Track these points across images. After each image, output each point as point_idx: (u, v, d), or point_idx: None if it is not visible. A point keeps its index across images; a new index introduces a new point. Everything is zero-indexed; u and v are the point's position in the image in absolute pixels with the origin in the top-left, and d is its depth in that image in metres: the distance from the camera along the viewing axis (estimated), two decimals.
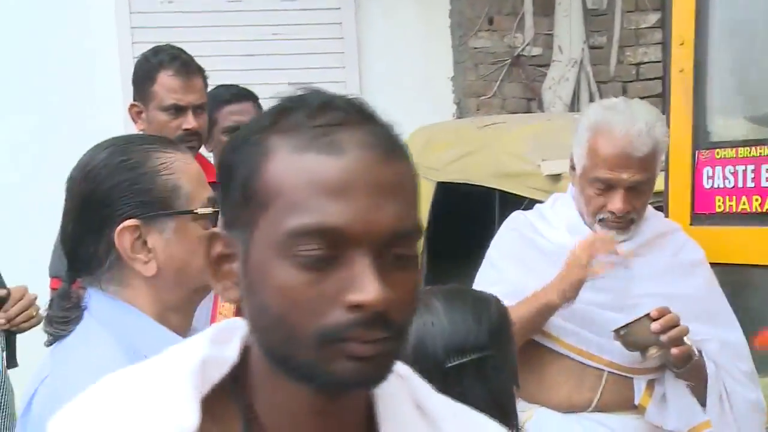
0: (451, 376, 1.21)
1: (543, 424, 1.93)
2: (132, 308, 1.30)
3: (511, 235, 2.09)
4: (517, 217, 2.13)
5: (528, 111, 5.47)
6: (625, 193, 1.90)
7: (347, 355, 0.75)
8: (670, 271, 1.96)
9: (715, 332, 1.92)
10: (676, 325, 1.82)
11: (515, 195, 3.17)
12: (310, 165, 0.78)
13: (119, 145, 1.36)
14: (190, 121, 2.37)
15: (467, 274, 3.22)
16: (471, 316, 1.29)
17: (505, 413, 1.24)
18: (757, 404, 1.92)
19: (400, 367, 0.90)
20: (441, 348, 1.23)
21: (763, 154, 1.84)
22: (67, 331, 1.29)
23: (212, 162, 2.94)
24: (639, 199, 1.92)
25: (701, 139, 1.95)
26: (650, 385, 1.91)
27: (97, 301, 1.31)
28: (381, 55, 5.44)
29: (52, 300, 1.34)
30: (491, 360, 1.26)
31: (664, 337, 1.80)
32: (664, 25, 3.65)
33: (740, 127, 2.00)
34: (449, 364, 1.22)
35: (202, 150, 2.72)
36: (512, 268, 2.05)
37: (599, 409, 1.89)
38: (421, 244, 3.56)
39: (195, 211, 1.33)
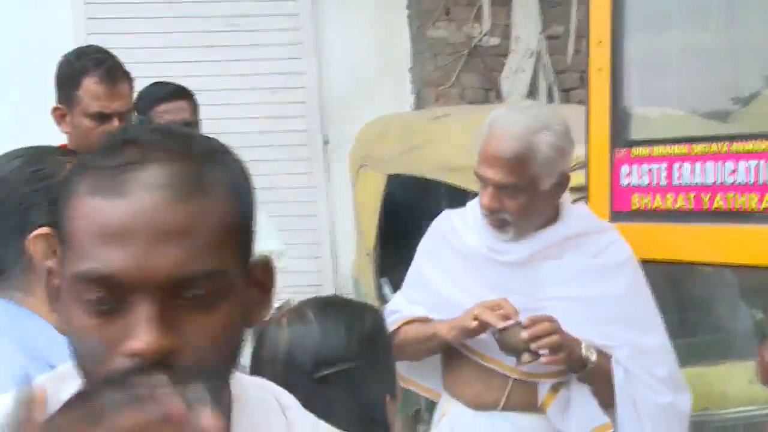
0: (318, 387, 1.23)
1: (456, 420, 1.98)
2: (33, 314, 1.30)
3: (433, 237, 2.12)
4: (441, 217, 2.16)
5: (486, 101, 5.50)
6: (494, 191, 1.91)
7: None
8: (586, 273, 1.93)
9: (632, 336, 1.91)
10: (549, 333, 1.83)
11: (462, 188, 3.20)
12: (93, 209, 0.77)
13: (31, 155, 1.36)
14: (114, 128, 2.33)
15: None
16: (343, 327, 1.29)
17: (375, 424, 1.25)
18: (671, 408, 1.91)
19: (283, 397, 0.92)
20: (310, 358, 1.24)
21: (675, 153, 1.87)
22: None
23: None
24: (512, 200, 1.90)
25: (618, 137, 1.98)
26: (557, 388, 1.93)
27: (10, 314, 1.30)
28: (339, 45, 5.45)
29: None
30: (360, 371, 1.26)
31: (533, 346, 1.82)
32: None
33: (656, 125, 2.03)
34: (317, 375, 1.23)
35: None
36: (433, 272, 2.08)
37: (507, 408, 1.92)
38: (373, 236, 3.60)
39: None
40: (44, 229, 1.29)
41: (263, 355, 1.27)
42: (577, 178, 2.52)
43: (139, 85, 2.89)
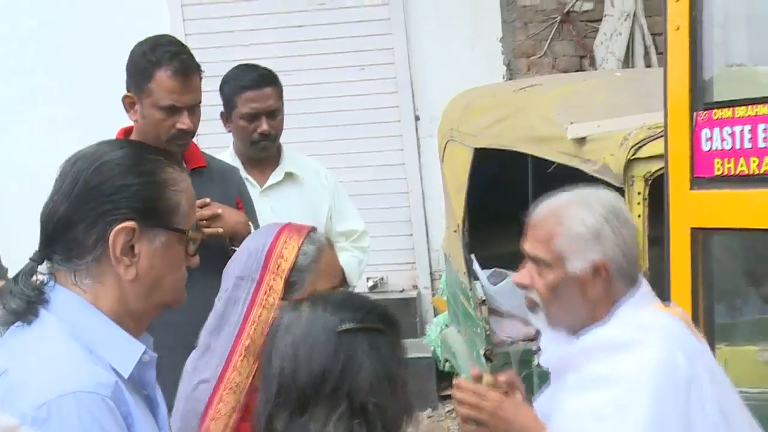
0: (343, 341, 1.25)
1: None
2: (92, 307, 1.33)
3: None
4: None
5: (580, 69, 5.32)
6: (527, 265, 1.82)
7: None
8: (586, 384, 1.73)
9: None
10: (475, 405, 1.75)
11: (548, 161, 3.10)
12: None
13: (135, 148, 1.40)
14: (184, 122, 2.35)
15: (505, 238, 3.19)
16: (365, 301, 1.34)
17: (395, 389, 1.27)
18: None
19: None
20: (335, 317, 1.27)
21: (759, 114, 1.74)
22: (23, 312, 1.31)
23: (233, 145, 2.97)
24: (540, 278, 1.78)
25: (699, 99, 1.85)
26: None
27: (59, 296, 1.33)
28: (428, 19, 5.38)
29: (17, 275, 1.36)
30: (383, 336, 1.29)
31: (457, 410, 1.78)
32: None
33: (738, 85, 1.88)
34: (341, 329, 1.26)
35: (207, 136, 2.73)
36: None
37: None
38: (461, 211, 3.53)
39: (187, 232, 1.38)
40: (130, 223, 1.32)
41: (282, 324, 1.29)
42: (655, 147, 2.41)
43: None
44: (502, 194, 3.58)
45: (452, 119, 4.06)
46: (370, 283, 5.44)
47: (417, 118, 5.43)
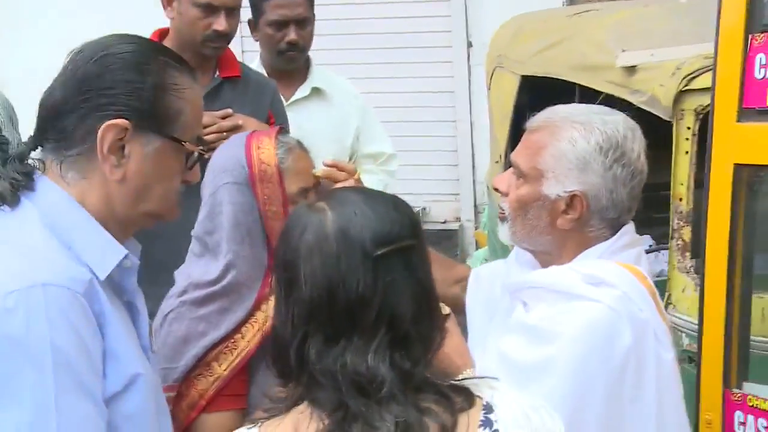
0: (380, 265, 1.15)
1: None
2: (75, 203, 1.28)
3: None
4: None
5: None
6: (510, 172, 1.68)
7: None
8: (525, 332, 1.61)
9: None
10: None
11: (596, 90, 2.92)
12: None
13: (145, 46, 1.33)
14: (221, 23, 2.28)
15: None
16: (392, 207, 1.21)
17: (432, 308, 1.19)
18: None
19: None
20: (368, 237, 1.15)
21: None
22: (8, 195, 1.26)
23: (260, 56, 2.86)
24: (515, 189, 1.64)
25: (756, 20, 1.65)
26: None
27: (44, 187, 1.28)
28: None
29: (6, 159, 1.31)
30: (416, 252, 1.19)
31: None
32: None
33: None
34: (378, 253, 1.15)
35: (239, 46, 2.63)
36: None
37: None
38: (504, 142, 3.39)
39: (184, 143, 1.31)
40: (122, 122, 1.26)
41: (306, 239, 1.16)
42: (699, 82, 2.22)
43: None
44: None
45: (501, 45, 3.87)
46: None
47: (470, 45, 5.23)
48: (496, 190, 1.71)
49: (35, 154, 1.33)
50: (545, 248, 1.68)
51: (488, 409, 1.17)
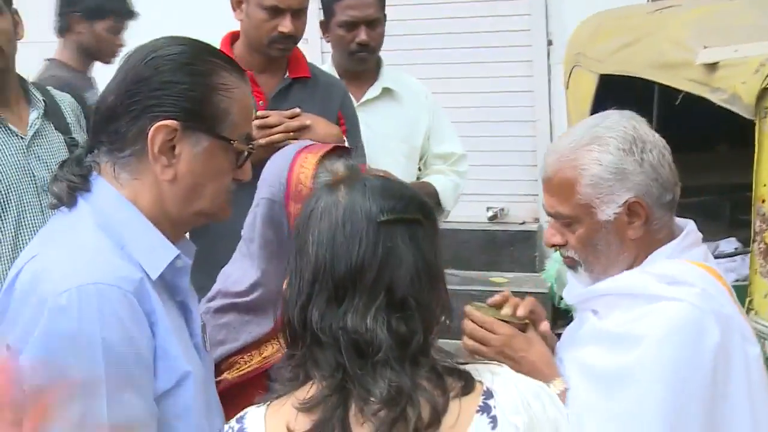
0: (382, 231, 1.18)
1: None
2: (129, 203, 1.30)
3: None
4: None
5: None
6: (554, 223, 1.62)
7: None
8: (597, 339, 1.57)
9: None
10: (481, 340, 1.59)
11: (675, 89, 2.83)
12: None
13: (193, 47, 1.36)
14: (286, 25, 2.29)
15: None
16: (403, 187, 1.26)
17: (434, 282, 1.21)
18: None
19: None
20: (374, 206, 1.20)
21: None
22: (65, 197, 1.31)
23: (332, 56, 2.86)
24: (571, 233, 1.59)
25: None
26: None
27: (99, 188, 1.31)
28: None
29: (65, 161, 1.36)
30: (422, 228, 1.22)
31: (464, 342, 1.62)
32: None
33: None
34: (382, 219, 1.19)
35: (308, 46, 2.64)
36: None
37: None
38: None
39: (233, 141, 1.33)
40: (172, 122, 1.28)
41: (318, 208, 1.22)
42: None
43: None
44: None
45: (579, 43, 3.80)
46: (490, 213, 5.28)
47: (549, 43, 5.13)
48: (554, 246, 1.66)
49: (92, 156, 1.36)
50: (625, 266, 1.63)
51: (488, 394, 1.18)
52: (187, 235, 1.48)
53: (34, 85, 2.32)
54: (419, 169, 2.87)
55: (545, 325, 1.65)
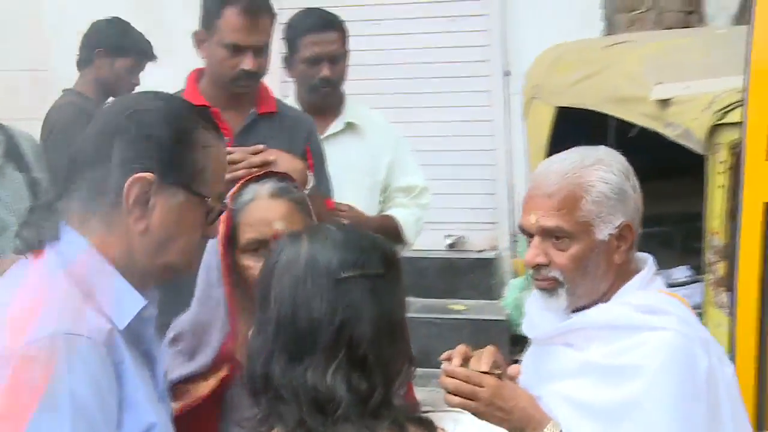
0: (342, 288, 1.20)
1: None
2: (97, 254, 1.30)
3: None
4: None
5: (687, 26, 4.98)
6: (539, 242, 1.61)
7: None
8: (594, 372, 1.57)
9: None
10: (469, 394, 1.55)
11: (630, 123, 2.91)
12: None
13: (174, 103, 1.37)
14: (248, 63, 2.30)
15: None
16: (366, 241, 1.27)
17: (396, 337, 1.23)
18: None
19: None
20: (335, 261, 1.22)
21: None
22: (34, 244, 1.30)
23: (294, 91, 2.89)
24: (560, 252, 1.59)
25: None
26: None
27: (67, 236, 1.30)
28: None
29: (35, 206, 1.35)
30: (384, 281, 1.24)
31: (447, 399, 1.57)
32: None
33: None
34: (342, 276, 1.21)
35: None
36: None
37: None
38: None
39: (207, 199, 1.34)
40: (149, 175, 1.29)
41: (281, 262, 1.25)
42: (733, 115, 2.19)
43: None
44: None
45: (538, 75, 3.87)
46: (449, 241, 5.32)
47: (507, 74, 5.22)
48: (536, 266, 1.63)
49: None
50: (599, 294, 1.64)
51: None
52: None
53: None
54: (381, 202, 2.89)
55: (515, 369, 1.66)
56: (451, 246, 5.31)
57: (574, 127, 3.47)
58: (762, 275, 1.70)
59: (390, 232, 2.68)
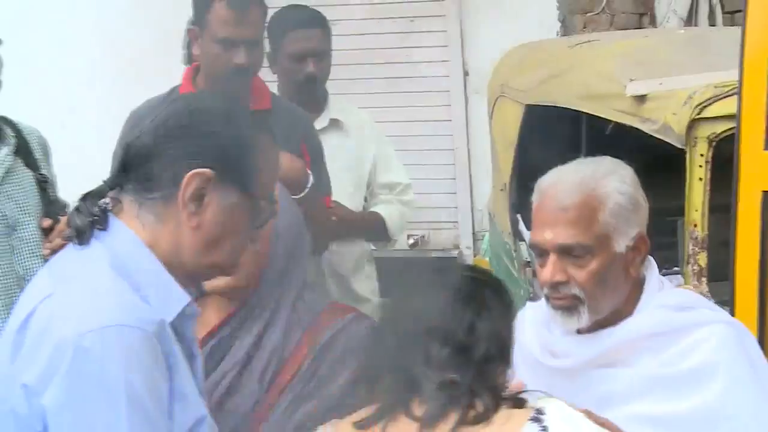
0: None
1: None
2: (145, 248, 1.30)
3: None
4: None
5: (639, 27, 5.12)
6: (556, 259, 1.55)
7: None
8: (661, 385, 1.52)
9: None
10: None
11: (602, 119, 2.97)
12: None
13: (234, 104, 1.40)
14: (240, 57, 2.29)
15: None
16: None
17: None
18: None
19: None
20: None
21: None
22: (84, 230, 1.29)
23: (278, 88, 2.88)
24: (580, 269, 1.54)
25: None
26: None
27: (116, 229, 1.30)
28: None
29: (87, 194, 1.34)
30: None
31: None
32: None
33: None
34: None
35: None
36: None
37: None
38: (509, 170, 3.44)
39: (262, 201, 1.35)
40: (208, 171, 1.29)
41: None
42: (722, 107, 2.26)
43: None
44: (551, 154, 3.46)
45: (504, 74, 3.93)
46: (411, 241, 5.36)
47: (466, 74, 5.29)
48: (555, 285, 1.58)
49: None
50: (617, 307, 1.61)
51: (539, 411, 1.28)
52: None
53: (3, 120, 2.26)
54: (365, 199, 2.90)
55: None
56: (413, 245, 5.35)
57: (544, 124, 3.56)
58: (761, 263, 1.76)
59: (376, 228, 2.70)
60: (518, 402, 1.30)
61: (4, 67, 2.14)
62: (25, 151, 2.21)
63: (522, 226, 3.75)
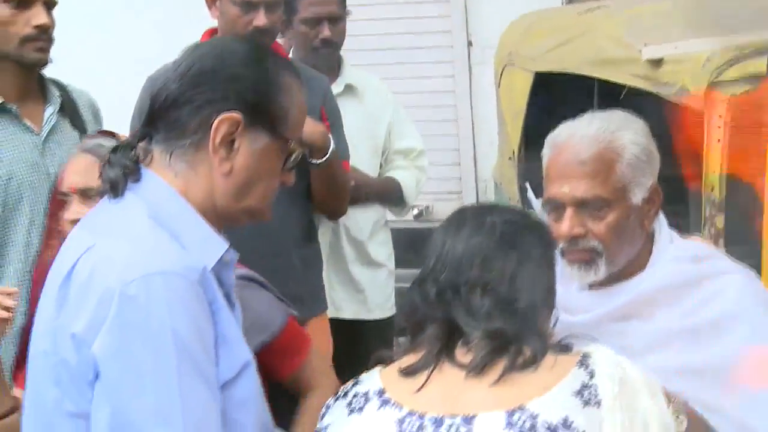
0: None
1: None
2: (179, 197, 1.29)
3: None
4: None
5: None
6: (574, 213, 1.55)
7: None
8: (682, 336, 1.51)
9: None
10: None
11: (615, 84, 2.97)
12: None
13: (262, 48, 1.37)
14: (260, 19, 2.28)
15: None
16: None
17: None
18: None
19: None
20: None
21: None
22: (118, 182, 1.29)
23: (292, 53, 2.86)
24: (598, 221, 1.55)
25: None
26: None
27: (149, 179, 1.29)
28: None
29: (117, 147, 1.33)
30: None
31: None
32: None
33: None
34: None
35: None
36: None
37: None
38: (518, 138, 3.44)
39: (290, 142, 1.33)
40: (237, 115, 1.28)
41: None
42: (740, 69, 2.27)
43: None
44: (561, 122, 3.45)
45: (511, 43, 3.92)
46: (415, 211, 5.35)
47: (470, 44, 5.26)
48: (574, 239, 1.58)
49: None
50: (632, 260, 1.61)
51: (586, 356, 1.30)
52: None
53: (51, 81, 2.25)
54: (380, 165, 2.90)
55: None
56: (418, 216, 5.35)
57: (553, 91, 3.56)
58: None
59: (392, 194, 2.70)
60: (564, 347, 1.32)
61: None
62: (72, 112, 2.21)
63: (530, 194, 3.76)
